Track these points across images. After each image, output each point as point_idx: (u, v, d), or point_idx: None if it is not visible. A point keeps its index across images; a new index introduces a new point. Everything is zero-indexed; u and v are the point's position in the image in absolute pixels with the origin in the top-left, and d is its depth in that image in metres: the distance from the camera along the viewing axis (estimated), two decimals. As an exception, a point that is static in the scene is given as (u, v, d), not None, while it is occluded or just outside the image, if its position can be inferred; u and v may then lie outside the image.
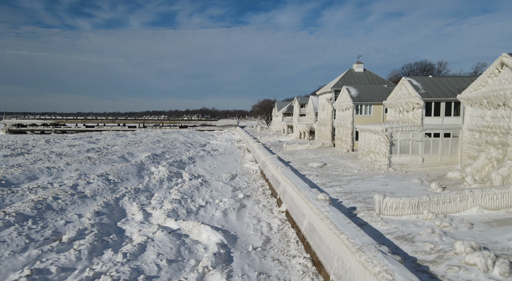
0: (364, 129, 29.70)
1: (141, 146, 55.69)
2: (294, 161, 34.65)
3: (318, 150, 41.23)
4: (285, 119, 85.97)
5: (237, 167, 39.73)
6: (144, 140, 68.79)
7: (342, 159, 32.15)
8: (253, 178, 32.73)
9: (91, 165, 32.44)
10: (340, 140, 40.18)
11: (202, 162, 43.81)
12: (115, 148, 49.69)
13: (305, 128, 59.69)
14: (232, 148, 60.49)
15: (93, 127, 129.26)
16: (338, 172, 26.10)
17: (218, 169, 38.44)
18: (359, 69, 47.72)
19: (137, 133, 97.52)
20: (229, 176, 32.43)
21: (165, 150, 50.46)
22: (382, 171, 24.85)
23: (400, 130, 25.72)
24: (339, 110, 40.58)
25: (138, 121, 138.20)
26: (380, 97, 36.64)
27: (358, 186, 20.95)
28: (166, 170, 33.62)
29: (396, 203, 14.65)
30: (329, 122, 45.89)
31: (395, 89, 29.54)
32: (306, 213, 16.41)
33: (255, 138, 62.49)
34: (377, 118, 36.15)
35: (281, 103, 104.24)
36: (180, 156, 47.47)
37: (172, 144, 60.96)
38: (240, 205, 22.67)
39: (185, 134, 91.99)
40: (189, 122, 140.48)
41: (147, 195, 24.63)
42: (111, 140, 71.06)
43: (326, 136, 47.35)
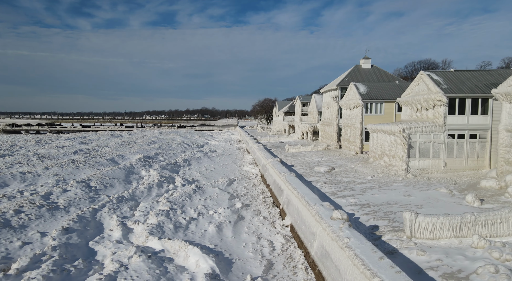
0: (377, 130, 26.60)
1: (135, 147, 52.64)
2: (298, 164, 31.54)
3: (323, 152, 38.13)
4: (286, 119, 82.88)
5: (236, 170, 36.74)
6: (139, 140, 65.73)
7: (351, 163, 29.03)
8: (252, 183, 29.71)
9: (73, 169, 29.36)
10: (348, 142, 37.09)
11: (198, 165, 40.78)
12: (105, 150, 46.62)
13: (308, 128, 56.60)
14: (231, 149, 57.47)
15: (89, 127, 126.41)
16: (349, 178, 22.99)
17: (215, 173, 35.44)
18: (367, 65, 44.60)
19: (134, 133, 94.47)
20: (226, 181, 29.41)
21: (159, 151, 47.41)
22: (400, 177, 21.75)
23: (419, 130, 22.62)
24: (346, 109, 37.48)
25: (136, 121, 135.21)
26: (391, 94, 33.54)
27: (376, 196, 17.85)
28: (157, 174, 30.56)
29: (432, 224, 11.56)
30: (334, 121, 42.78)
31: (411, 85, 26.44)
32: (316, 232, 13.33)
33: (255, 139, 59.41)
34: (389, 117, 33.05)
35: (282, 102, 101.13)
36: (175, 158, 44.41)
37: (167, 145, 57.92)
38: (237, 217, 19.62)
39: (183, 134, 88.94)
40: (188, 122, 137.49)
41: (132, 205, 21.55)
42: (105, 140, 67.99)
43: (331, 136, 44.26)
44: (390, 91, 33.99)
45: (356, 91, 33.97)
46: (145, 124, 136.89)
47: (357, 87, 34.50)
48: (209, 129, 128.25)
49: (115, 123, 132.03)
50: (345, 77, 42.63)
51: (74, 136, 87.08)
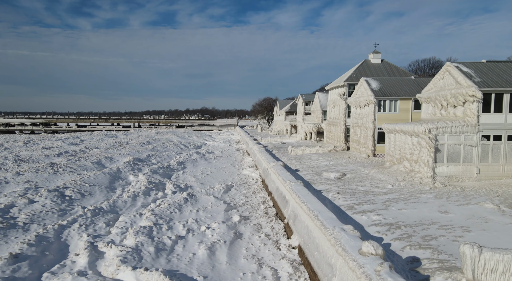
0: (395, 130, 23.24)
1: (126, 148, 49.33)
2: (304, 169, 28.18)
3: (331, 155, 34.78)
4: (288, 119, 79.51)
5: (234, 174, 33.48)
6: (133, 141, 62.42)
7: (364, 168, 25.67)
8: (252, 190, 26.45)
9: (50, 174, 26.01)
10: (357, 143, 33.73)
11: (193, 168, 37.50)
12: (93, 151, 43.28)
13: (311, 128, 53.24)
14: (230, 151, 54.17)
15: (85, 127, 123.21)
16: (365, 187, 19.63)
17: (212, 177, 32.16)
18: (376, 60, 41.23)
19: (129, 134, 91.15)
20: (223, 188, 26.15)
21: (152, 153, 44.10)
22: (427, 186, 18.38)
23: (448, 131, 19.26)
24: (356, 107, 34.13)
25: (133, 121, 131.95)
26: (407, 90, 30.19)
27: (404, 212, 14.49)
28: (146, 180, 27.25)
29: (504, 263, 8.22)
30: (341, 121, 39.43)
31: (434, 78, 23.08)
32: (336, 266, 9.98)
33: (255, 140, 56.06)
34: (404, 116, 29.72)
35: (283, 101, 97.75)
36: (169, 160, 41.11)
37: (162, 146, 54.61)
38: (234, 235, 16.31)
39: (180, 134, 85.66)
40: (186, 121, 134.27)
41: (110, 218, 18.21)
42: (97, 141, 64.68)
43: (337, 137, 40.91)
44: (406, 87, 30.64)
45: (368, 87, 30.61)
46: (142, 124, 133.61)
47: (368, 83, 31.14)
48: (208, 129, 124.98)
49: (112, 123, 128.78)
50: (353, 73, 39.28)
51: (68, 136, 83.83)
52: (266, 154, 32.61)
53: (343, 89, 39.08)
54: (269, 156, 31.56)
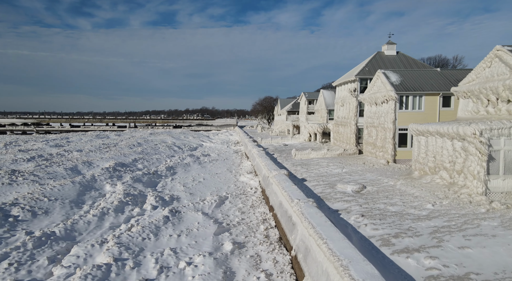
0: (427, 132, 18.66)
1: (113, 151, 44.79)
2: (312, 178, 23.59)
3: (341, 160, 30.19)
4: (290, 118, 74.90)
5: (230, 182, 29.08)
6: (123, 142, 57.86)
7: (386, 177, 21.08)
8: (250, 203, 22.02)
9: (2, 186, 21.43)
10: (373, 146, 29.14)
11: (184, 174, 33.04)
12: (73, 155, 38.73)
13: (316, 129, 48.66)
14: (227, 153, 49.67)
15: (78, 127, 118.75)
16: (396, 206, 15.06)
17: (204, 186, 27.73)
18: (391, 52, 36.63)
19: (122, 134, 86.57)
20: (215, 200, 21.73)
21: (140, 156, 39.57)
22: (482, 207, 13.79)
23: (506, 133, 14.69)
24: (370, 104, 29.57)
25: (129, 121, 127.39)
26: (433, 84, 25.66)
27: (469, 253, 9.92)
28: (123, 190, 22.75)
29: None
30: (352, 121, 34.86)
31: (477, 68, 18.51)
32: None
33: (254, 141, 51.48)
34: (430, 114, 25.19)
35: (284, 100, 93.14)
36: (158, 165, 36.60)
37: (154, 148, 50.07)
38: (223, 275, 11.84)
39: (176, 135, 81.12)
40: (184, 121, 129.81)
41: (59, 250, 13.65)
42: (84, 142, 60.14)
43: (347, 139, 36.35)
44: (431, 80, 26.10)
45: (386, 81, 26.05)
46: (139, 124, 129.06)
47: (387, 76, 26.58)
48: (206, 130, 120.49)
49: (107, 123, 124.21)
50: (365, 66, 34.70)
51: (57, 137, 79.27)
52: (267, 159, 28.06)
53: (353, 85, 34.51)
54: (270, 161, 27.01)
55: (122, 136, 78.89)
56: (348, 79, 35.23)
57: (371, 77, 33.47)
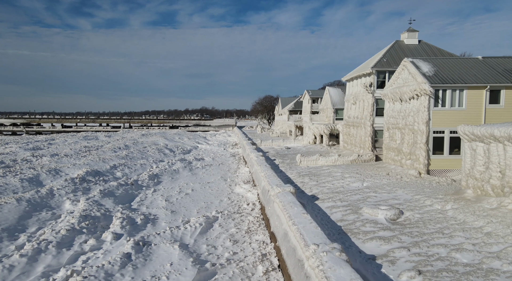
0: (493, 136, 13.42)
1: (93, 155, 39.71)
2: (325, 195, 18.39)
3: (358, 169, 25.02)
4: (292, 118, 69.69)
5: (223, 194, 24.18)
6: (109, 145, 52.72)
7: (426, 196, 15.91)
8: (246, 226, 17.11)
9: None
10: (397, 152, 23.96)
11: (171, 183, 28.04)
12: (42, 161, 33.58)
13: (322, 130, 43.49)
14: (223, 157, 44.60)
15: (70, 128, 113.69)
16: (465, 252, 9.91)
17: (191, 200, 22.81)
18: (412, 40, 31.46)
19: (113, 135, 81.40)
20: (200, 223, 16.82)
21: (122, 162, 34.45)
22: None
23: None
24: (393, 101, 24.46)
25: (123, 121, 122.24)
26: (477, 75, 20.55)
27: None
28: (83, 210, 17.71)
29: None
30: (367, 121, 29.73)
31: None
32: None
33: (253, 144, 46.31)
34: (475, 113, 20.07)
35: (285, 99, 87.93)
36: (141, 172, 31.51)
37: (141, 151, 44.94)
38: None
39: (170, 136, 75.93)
40: (181, 122, 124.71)
41: None
42: (67, 144, 55.02)
43: (360, 142, 31.22)
44: (474, 70, 20.98)
45: (417, 72, 20.93)
46: (133, 124, 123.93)
47: (416, 65, 21.45)
48: (203, 130, 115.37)
49: (100, 123, 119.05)
50: (382, 57, 29.56)
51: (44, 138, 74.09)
52: (267, 168, 22.91)
53: (369, 79, 29.38)
54: (271, 171, 21.85)
55: (112, 137, 73.78)
56: (362, 72, 30.08)
57: (391, 69, 28.35)
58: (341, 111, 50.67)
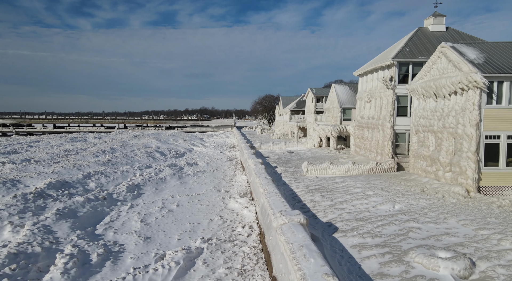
0: None
1: (69, 160, 35.08)
2: (346, 225, 13.61)
3: (381, 182, 20.25)
4: (294, 118, 64.97)
5: (214, 211, 19.67)
6: (93, 148, 48.04)
7: (498, 232, 11.20)
8: (240, 264, 12.68)
9: None
10: (431, 162, 19.21)
11: (153, 196, 23.55)
12: (3, 168, 28.88)
13: (330, 132, 38.79)
14: (219, 161, 40.01)
15: (62, 128, 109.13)
16: None
17: (174, 219, 18.36)
18: (438, 27, 26.73)
19: (104, 136, 76.69)
20: (178, 261, 12.31)
21: (101, 169, 29.82)
22: None
23: None
24: (424, 98, 19.77)
25: (118, 121, 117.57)
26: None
27: None
28: (18, 244, 13.10)
29: None
30: (386, 122, 25.05)
31: None
32: None
33: (252, 147, 41.63)
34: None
35: (287, 98, 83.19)
36: (121, 181, 26.94)
37: (129, 154, 40.32)
38: None
39: (164, 137, 71.24)
40: (177, 122, 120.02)
41: None
42: (50, 147, 50.36)
43: (377, 147, 26.55)
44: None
45: (461, 59, 16.24)
46: (129, 124, 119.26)
47: (459, 51, 16.76)
48: (201, 131, 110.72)
49: (93, 123, 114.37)
50: (404, 46, 24.86)
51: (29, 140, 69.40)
52: (268, 182, 18.18)
53: (389, 72, 24.68)
54: (272, 186, 17.13)
55: (102, 139, 69.14)
56: (380, 65, 25.37)
57: (415, 60, 23.67)
58: (349, 111, 45.99)
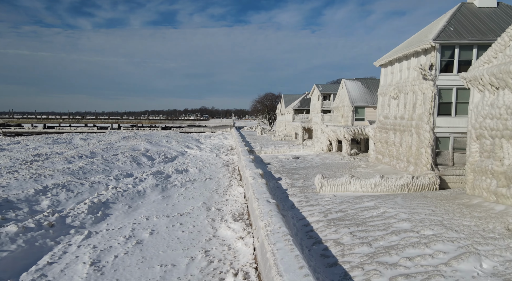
0: None
1: (33, 167, 29.53)
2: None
3: (434, 210, 14.58)
4: (298, 118, 59.30)
5: (199, 244, 13.96)
6: (73, 151, 42.46)
7: None
8: None
9: None
10: (505, 180, 13.57)
11: (123, 218, 18.08)
12: None
13: (342, 134, 33.16)
14: (214, 167, 34.54)
15: (53, 128, 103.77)
16: None
17: (138, 261, 12.43)
18: (487, 2, 21.10)
19: (91, 138, 71.07)
20: None
21: (65, 181, 24.32)
22: None
23: None
24: (493, 90, 14.19)
25: (111, 121, 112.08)
26: None
27: None
28: None
29: None
30: (422, 123, 19.44)
31: None
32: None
33: (251, 152, 36.02)
34: None
35: (289, 97, 77.52)
36: (87, 196, 21.41)
37: (110, 160, 34.78)
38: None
39: (156, 139, 65.62)
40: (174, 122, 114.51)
41: None
42: (24, 151, 44.81)
43: (408, 155, 20.96)
44: None
45: None
46: (123, 124, 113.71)
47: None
48: (198, 131, 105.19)
49: (85, 123, 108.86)
50: (447, 25, 19.22)
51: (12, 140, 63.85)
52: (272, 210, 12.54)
53: (425, 58, 19.09)
54: (278, 218, 11.53)
55: (88, 140, 63.59)
56: (414, 49, 19.73)
57: (464, 42, 18.10)
58: (362, 110, 40.38)
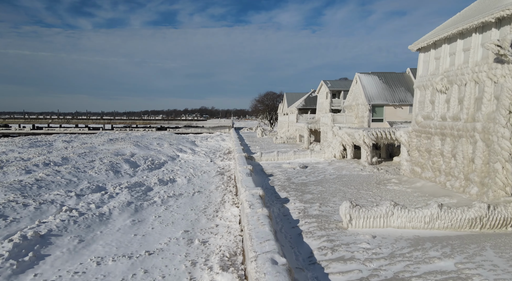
0: None
1: None
2: None
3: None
4: (302, 119, 53.29)
5: None
6: (40, 158, 36.59)
7: None
8: None
9: None
10: None
11: (62, 263, 11.72)
12: None
13: (362, 138, 27.19)
14: (206, 175, 28.75)
15: (41, 129, 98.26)
16: None
17: None
18: None
19: (76, 140, 65.16)
20: None
21: (5, 200, 18.51)
22: None
23: None
24: None
25: (104, 121, 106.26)
26: None
27: None
28: None
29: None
30: (498, 126, 13.53)
31: None
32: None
33: (250, 157, 30.04)
34: None
35: (292, 95, 71.49)
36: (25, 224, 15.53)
37: (82, 168, 28.96)
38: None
39: (147, 141, 59.73)
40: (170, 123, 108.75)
41: None
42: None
43: (467, 170, 15.09)
44: None
45: None
46: (116, 125, 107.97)
47: None
48: (195, 132, 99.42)
49: (76, 124, 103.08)
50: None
51: None
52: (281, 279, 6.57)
53: (496, 33, 13.23)
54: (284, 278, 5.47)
55: (71, 143, 57.79)
56: (480, 20, 13.82)
57: None
58: (381, 109, 34.49)
